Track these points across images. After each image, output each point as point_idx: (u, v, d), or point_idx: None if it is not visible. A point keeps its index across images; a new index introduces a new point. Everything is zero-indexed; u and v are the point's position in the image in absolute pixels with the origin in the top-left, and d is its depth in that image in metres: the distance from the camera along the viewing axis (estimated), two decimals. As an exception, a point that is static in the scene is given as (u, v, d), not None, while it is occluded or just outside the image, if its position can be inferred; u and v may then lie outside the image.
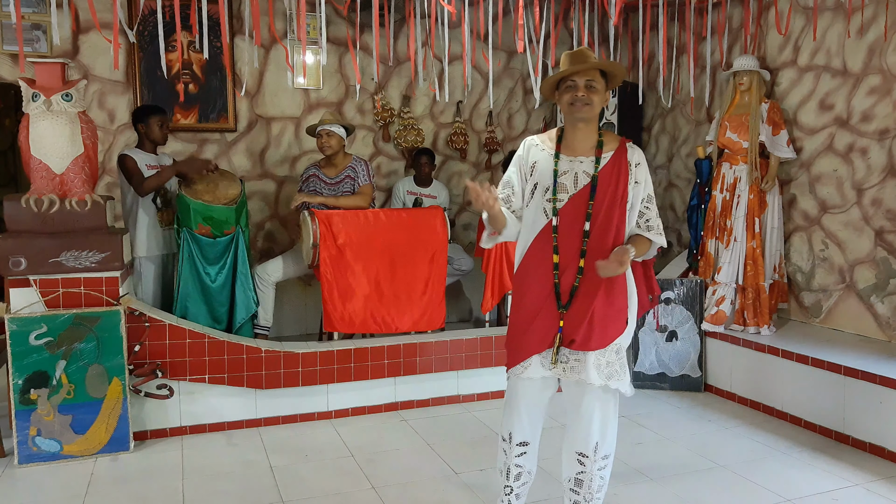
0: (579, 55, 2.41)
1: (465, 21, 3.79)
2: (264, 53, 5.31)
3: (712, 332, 4.42)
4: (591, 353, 2.40)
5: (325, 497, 3.05)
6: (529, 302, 2.47)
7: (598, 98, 2.41)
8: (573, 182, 2.43)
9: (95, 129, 3.68)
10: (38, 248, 3.42)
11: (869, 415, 3.49)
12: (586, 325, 2.39)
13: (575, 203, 2.42)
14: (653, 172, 5.90)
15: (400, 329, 4.27)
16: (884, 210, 4.02)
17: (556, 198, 2.43)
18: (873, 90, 4.05)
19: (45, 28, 4.76)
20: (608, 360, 2.44)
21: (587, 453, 2.48)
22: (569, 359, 2.44)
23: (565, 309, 2.41)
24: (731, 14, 4.90)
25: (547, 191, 2.45)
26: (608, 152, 2.45)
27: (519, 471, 2.59)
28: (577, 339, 2.39)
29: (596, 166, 2.42)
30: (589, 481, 2.50)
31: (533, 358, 2.46)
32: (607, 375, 2.43)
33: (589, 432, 2.47)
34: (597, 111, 2.43)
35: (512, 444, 2.56)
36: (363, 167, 4.58)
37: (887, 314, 4.03)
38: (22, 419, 3.36)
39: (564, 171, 2.44)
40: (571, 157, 2.46)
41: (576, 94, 2.39)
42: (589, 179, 2.43)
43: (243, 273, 4.18)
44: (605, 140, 2.47)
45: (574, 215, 2.41)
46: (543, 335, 2.44)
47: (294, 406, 3.94)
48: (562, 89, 2.44)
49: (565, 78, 2.42)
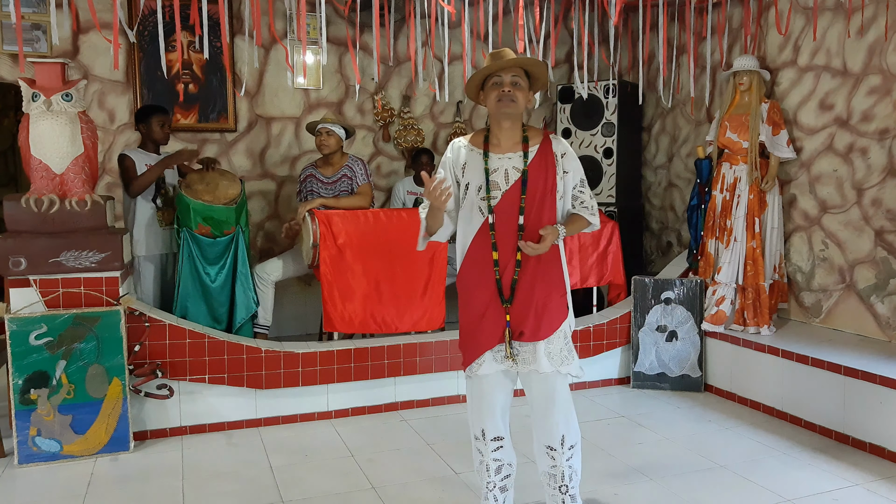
0: (501, 53, 2.48)
1: (465, 21, 3.79)
2: (264, 53, 5.31)
3: (712, 332, 4.42)
4: (541, 343, 2.47)
5: (325, 497, 3.06)
6: (476, 301, 2.53)
7: (523, 95, 2.47)
8: (504, 178, 2.49)
9: (95, 129, 3.68)
10: (38, 248, 3.42)
11: (869, 415, 3.49)
12: (532, 316, 2.46)
13: (508, 199, 2.47)
14: (653, 172, 5.92)
15: (400, 329, 4.27)
16: (884, 210, 4.02)
17: (489, 195, 2.48)
18: (873, 90, 4.05)
19: (45, 28, 4.77)
20: (558, 346, 2.51)
21: (555, 446, 2.54)
22: (519, 351, 2.50)
23: (509, 303, 2.47)
24: (731, 14, 4.90)
25: (480, 189, 2.50)
26: (534, 146, 2.52)
27: (499, 464, 2.62)
28: (526, 330, 2.46)
29: (525, 161, 2.49)
30: (561, 474, 2.56)
31: (485, 354, 2.52)
32: (559, 362, 2.50)
33: (554, 425, 2.53)
34: (521, 108, 2.49)
35: (486, 441, 2.60)
36: (360, 166, 4.58)
37: (887, 314, 4.03)
38: (22, 419, 3.36)
39: (495, 169, 2.50)
40: (500, 154, 2.52)
41: (502, 89, 2.44)
42: (519, 174, 2.48)
43: (243, 273, 4.18)
44: (530, 135, 2.54)
45: (508, 211, 2.47)
46: (492, 331, 2.50)
47: (294, 406, 3.94)
48: (487, 88, 2.50)
49: (489, 76, 2.47)
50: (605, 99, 5.58)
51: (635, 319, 4.56)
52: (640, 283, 4.57)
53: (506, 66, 2.44)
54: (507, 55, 2.47)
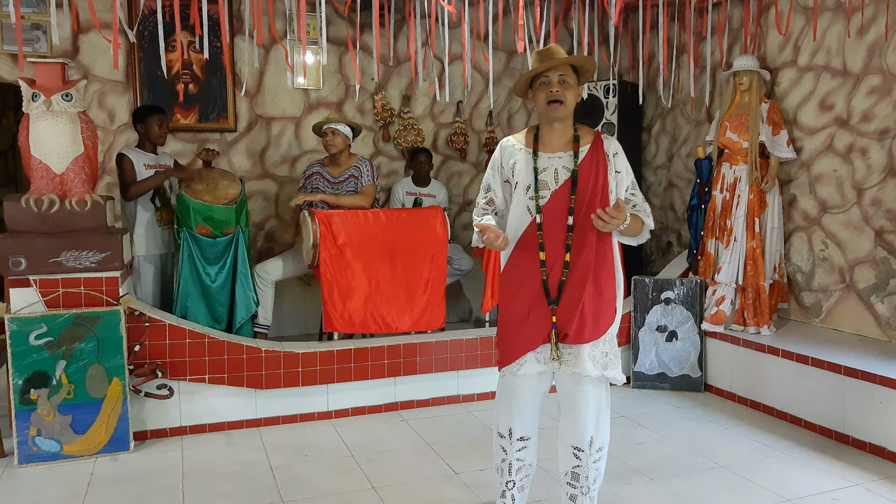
0: (549, 52, 2.45)
1: (465, 21, 3.79)
2: (264, 53, 5.31)
3: (712, 332, 4.42)
4: (586, 346, 2.44)
5: (325, 497, 3.05)
6: (520, 300, 2.49)
7: (572, 94, 2.44)
8: (554, 178, 2.47)
9: (95, 129, 3.68)
10: (38, 248, 3.42)
11: (869, 415, 3.49)
12: (578, 318, 2.43)
13: (557, 199, 2.45)
14: (653, 172, 5.91)
15: (400, 329, 4.27)
16: (884, 210, 4.02)
17: (538, 195, 2.46)
18: (873, 90, 4.05)
19: (45, 28, 4.76)
20: (602, 350, 2.48)
21: (582, 447, 2.51)
22: (563, 353, 2.47)
23: (556, 304, 2.45)
24: (731, 14, 4.90)
25: (528, 189, 2.48)
26: (585, 146, 2.48)
27: (521, 464, 2.61)
28: (570, 332, 2.43)
29: (575, 160, 2.45)
30: (585, 475, 2.53)
31: (527, 355, 2.49)
32: (603, 366, 2.47)
33: (584, 426, 2.50)
34: (571, 108, 2.46)
35: (513, 440, 2.58)
36: (368, 167, 4.58)
37: (887, 314, 4.03)
38: (22, 419, 3.36)
39: (544, 168, 2.48)
40: (550, 153, 2.49)
41: (550, 90, 2.41)
42: (569, 174, 2.45)
43: (243, 273, 4.18)
44: (581, 134, 2.51)
45: (557, 211, 2.44)
46: (537, 332, 2.47)
47: (294, 406, 3.94)
48: (535, 87, 2.47)
49: (538, 76, 2.45)
50: (605, 99, 5.58)
51: (635, 319, 4.56)
52: (640, 283, 4.57)
53: (553, 65, 2.40)
54: (555, 53, 2.43)
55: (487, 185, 2.60)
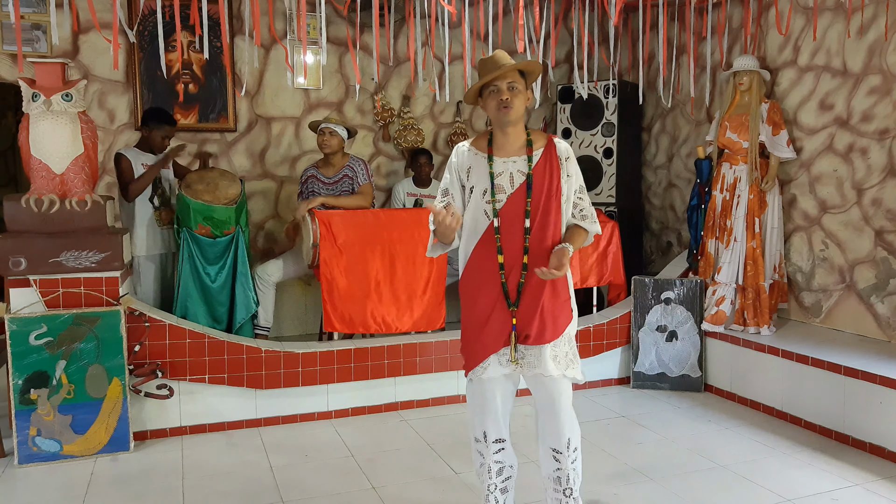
0: (494, 60, 2.47)
1: (465, 21, 3.79)
2: (264, 53, 5.31)
3: (712, 332, 4.42)
4: (547, 346, 2.48)
5: (325, 497, 3.05)
6: (481, 304, 2.52)
7: (521, 98, 2.48)
8: (509, 182, 2.50)
9: (95, 129, 3.68)
10: (38, 248, 3.42)
11: (869, 415, 3.49)
12: (538, 319, 2.46)
13: (513, 202, 2.48)
14: (653, 172, 5.92)
15: (400, 329, 4.27)
16: (884, 210, 4.02)
17: (495, 199, 2.49)
18: (873, 90, 4.05)
19: (45, 28, 4.76)
20: (563, 350, 2.52)
21: (560, 449, 2.56)
22: (525, 354, 2.50)
23: (516, 307, 2.48)
24: (731, 14, 4.90)
25: (485, 193, 2.51)
26: (538, 149, 2.52)
27: (500, 466, 2.63)
28: (531, 333, 2.47)
29: (529, 164, 2.49)
30: (566, 477, 2.58)
31: (490, 358, 2.52)
32: (564, 365, 2.51)
33: (561, 427, 2.54)
34: (521, 111, 2.50)
35: (488, 443, 2.61)
36: (361, 167, 4.58)
37: (887, 314, 4.03)
38: (22, 419, 3.36)
39: (500, 172, 2.51)
40: (504, 157, 2.52)
41: (500, 97, 2.45)
42: (524, 178, 2.49)
43: (243, 273, 4.18)
44: (534, 138, 2.54)
45: (514, 214, 2.47)
46: (497, 335, 2.50)
47: (294, 406, 3.94)
48: (485, 95, 2.50)
49: (487, 84, 2.47)
50: (605, 99, 5.58)
51: (635, 319, 4.56)
52: (640, 283, 4.57)
53: (498, 76, 2.44)
54: (499, 60, 2.46)
55: (445, 188, 2.62)
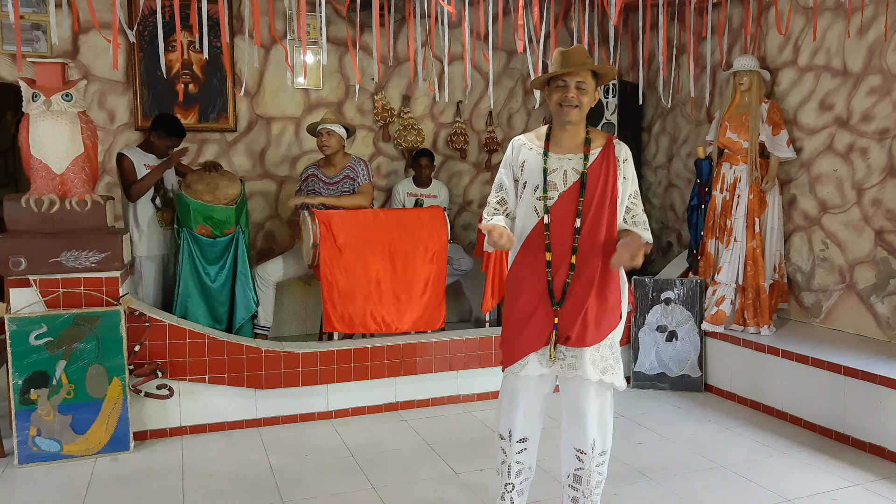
0: (571, 55, 2.41)
1: (465, 21, 3.79)
2: (264, 53, 5.31)
3: (712, 332, 4.42)
4: (587, 349, 2.43)
5: (325, 497, 3.05)
6: (524, 301, 2.48)
7: (587, 99, 2.43)
8: (563, 179, 2.46)
9: (95, 129, 3.68)
10: (38, 248, 3.42)
11: (869, 415, 3.49)
12: (581, 321, 2.42)
13: (565, 200, 2.43)
14: (653, 172, 5.91)
15: (400, 329, 4.27)
16: (884, 210, 4.02)
17: (546, 195, 2.45)
18: (873, 90, 4.05)
19: (44, 28, 4.76)
20: (603, 354, 2.47)
21: (585, 450, 2.51)
22: (565, 355, 2.46)
23: (559, 306, 2.43)
24: (731, 14, 4.90)
25: (537, 189, 2.46)
26: (596, 149, 2.47)
27: (520, 467, 2.60)
28: (573, 335, 2.42)
29: (585, 163, 2.44)
30: (587, 477, 2.52)
31: (530, 356, 2.48)
32: (602, 370, 2.46)
33: (586, 429, 2.49)
34: (585, 113, 2.45)
35: (512, 442, 2.58)
36: (362, 167, 4.58)
37: (887, 314, 4.03)
38: (22, 419, 3.36)
39: (554, 169, 2.46)
40: (560, 154, 2.47)
41: (565, 94, 2.40)
42: (578, 176, 2.44)
43: (243, 273, 4.18)
44: (593, 137, 2.49)
45: (564, 212, 2.43)
46: (539, 333, 2.46)
47: (294, 406, 3.94)
48: (552, 87, 2.45)
49: (556, 76, 2.43)
50: (605, 99, 5.58)
51: (635, 319, 4.56)
52: (640, 283, 4.57)
53: (572, 72, 2.38)
54: (576, 56, 2.39)
55: (500, 183, 2.57)
